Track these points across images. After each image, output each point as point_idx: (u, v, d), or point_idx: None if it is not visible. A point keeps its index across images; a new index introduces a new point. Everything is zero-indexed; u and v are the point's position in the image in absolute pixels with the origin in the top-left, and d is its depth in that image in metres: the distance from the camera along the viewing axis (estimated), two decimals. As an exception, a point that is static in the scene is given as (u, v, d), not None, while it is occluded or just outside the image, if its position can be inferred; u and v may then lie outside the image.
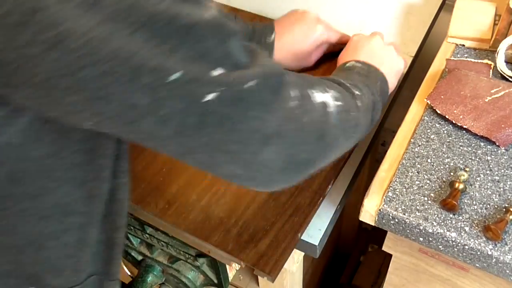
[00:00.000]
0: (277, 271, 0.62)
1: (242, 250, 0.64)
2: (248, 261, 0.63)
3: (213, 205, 0.69)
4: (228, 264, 0.70)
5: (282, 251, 0.63)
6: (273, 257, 0.63)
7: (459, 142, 0.67)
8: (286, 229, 0.65)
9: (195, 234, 0.66)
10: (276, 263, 0.62)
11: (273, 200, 0.68)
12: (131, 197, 0.70)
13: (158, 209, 0.68)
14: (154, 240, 0.79)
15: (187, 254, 0.77)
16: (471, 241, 0.58)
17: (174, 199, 0.69)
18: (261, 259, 0.63)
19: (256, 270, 0.63)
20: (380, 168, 0.66)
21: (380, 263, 1.37)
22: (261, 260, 0.63)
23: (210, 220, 0.67)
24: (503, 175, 0.63)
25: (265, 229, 0.66)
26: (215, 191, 0.70)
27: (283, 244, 0.64)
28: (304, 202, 0.68)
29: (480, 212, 0.60)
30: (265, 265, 0.62)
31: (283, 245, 0.64)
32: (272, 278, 0.62)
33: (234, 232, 0.66)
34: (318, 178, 0.70)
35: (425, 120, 0.70)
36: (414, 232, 0.61)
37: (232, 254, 0.64)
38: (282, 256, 0.63)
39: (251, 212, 0.67)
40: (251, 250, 0.64)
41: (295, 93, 0.48)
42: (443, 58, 0.77)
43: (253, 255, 0.63)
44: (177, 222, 0.67)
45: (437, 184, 0.63)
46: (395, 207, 0.61)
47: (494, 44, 0.77)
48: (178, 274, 0.81)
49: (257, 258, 0.63)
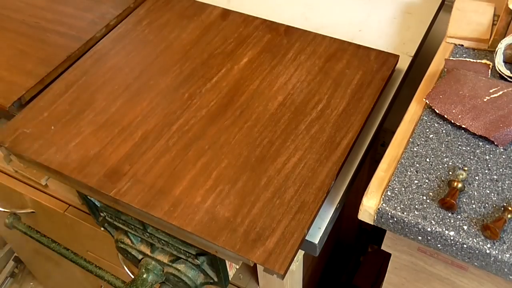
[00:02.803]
0: (286, 268, 0.63)
1: (250, 249, 0.64)
2: (257, 260, 0.63)
3: (218, 205, 0.69)
4: (236, 263, 0.70)
5: (290, 248, 0.64)
6: (281, 254, 0.63)
7: (457, 142, 0.67)
8: (292, 226, 0.66)
9: (202, 235, 0.66)
10: (285, 261, 0.63)
11: (278, 198, 0.69)
12: (135, 201, 0.70)
13: (163, 212, 0.69)
14: (155, 239, 0.80)
15: (188, 253, 0.77)
16: (470, 240, 0.58)
17: (178, 201, 0.70)
18: (269, 257, 0.63)
19: (265, 268, 0.63)
20: (379, 168, 0.66)
21: (380, 263, 1.37)
22: (270, 258, 0.63)
23: (216, 221, 0.67)
24: (501, 174, 0.63)
25: (272, 227, 0.66)
26: (219, 191, 0.70)
27: (290, 241, 0.64)
28: (309, 199, 0.68)
29: (479, 211, 0.60)
30: (274, 263, 0.63)
31: (291, 242, 0.64)
32: (282, 275, 0.62)
33: (241, 231, 0.66)
34: (320, 175, 0.70)
35: (424, 119, 0.70)
36: (413, 231, 0.61)
37: (240, 254, 0.64)
38: (290, 253, 0.63)
39: (257, 211, 0.68)
40: (259, 249, 0.64)
41: None
42: (442, 58, 0.78)
43: (261, 253, 0.64)
44: (183, 224, 0.67)
45: (436, 183, 0.63)
46: (394, 206, 0.61)
47: (492, 44, 0.77)
48: (178, 273, 0.81)
49: (265, 256, 0.63)
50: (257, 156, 0.74)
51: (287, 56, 0.88)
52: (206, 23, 0.97)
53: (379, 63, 0.85)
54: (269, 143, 0.75)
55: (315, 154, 0.73)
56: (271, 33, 0.93)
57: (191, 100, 0.83)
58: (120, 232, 0.86)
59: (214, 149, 0.75)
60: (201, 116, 0.80)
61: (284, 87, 0.83)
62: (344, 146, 0.74)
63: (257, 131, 0.77)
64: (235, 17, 0.97)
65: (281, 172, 0.71)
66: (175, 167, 0.74)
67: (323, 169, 0.71)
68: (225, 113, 0.80)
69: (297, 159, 0.73)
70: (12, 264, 1.83)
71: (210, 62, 0.89)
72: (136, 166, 0.74)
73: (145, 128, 0.79)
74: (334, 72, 0.85)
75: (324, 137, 0.75)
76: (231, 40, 0.92)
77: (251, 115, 0.79)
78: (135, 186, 0.72)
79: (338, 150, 0.73)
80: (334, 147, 0.74)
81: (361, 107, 0.79)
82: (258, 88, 0.83)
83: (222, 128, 0.78)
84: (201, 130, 0.78)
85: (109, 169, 0.74)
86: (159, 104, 0.82)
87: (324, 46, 0.89)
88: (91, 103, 0.84)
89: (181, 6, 1.01)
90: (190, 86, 0.85)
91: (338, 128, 0.76)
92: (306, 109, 0.79)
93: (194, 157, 0.74)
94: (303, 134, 0.76)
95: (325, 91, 0.82)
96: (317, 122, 0.77)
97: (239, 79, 0.85)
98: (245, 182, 0.71)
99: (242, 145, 0.75)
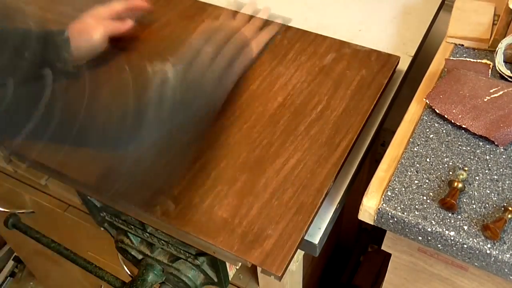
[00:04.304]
0: (284, 270, 0.62)
1: (247, 250, 0.64)
2: (255, 261, 0.63)
3: (216, 206, 0.69)
4: (233, 264, 0.70)
5: (287, 250, 0.64)
6: (279, 256, 0.63)
7: (458, 142, 0.67)
8: (290, 228, 0.66)
9: (200, 236, 0.66)
10: (282, 262, 0.62)
11: (276, 200, 0.69)
12: (134, 201, 0.70)
13: (161, 212, 0.69)
14: (155, 239, 0.80)
15: (187, 253, 0.77)
16: (470, 240, 0.58)
17: (176, 201, 0.70)
18: (267, 258, 0.63)
19: (262, 269, 0.63)
20: (379, 168, 0.66)
21: (380, 263, 1.37)
22: (267, 259, 0.63)
23: (214, 221, 0.67)
24: (501, 174, 0.63)
25: (270, 229, 0.66)
26: (218, 192, 0.70)
27: (288, 243, 0.64)
28: (307, 200, 0.68)
29: (479, 211, 0.60)
30: (272, 264, 0.62)
31: (289, 244, 0.64)
32: (279, 277, 0.62)
33: (239, 232, 0.66)
34: (319, 176, 0.70)
35: (424, 119, 0.70)
36: (413, 231, 0.61)
37: (238, 255, 0.64)
38: (287, 255, 0.63)
39: (255, 212, 0.68)
40: (256, 250, 0.64)
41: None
42: (442, 58, 0.78)
43: (259, 254, 0.63)
44: (181, 224, 0.67)
45: (436, 184, 0.63)
46: (394, 206, 0.61)
47: (493, 44, 0.77)
48: (178, 273, 0.81)
49: (263, 257, 0.63)
50: (256, 156, 0.74)
51: (288, 56, 0.88)
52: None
53: (379, 64, 0.85)
54: (268, 144, 0.75)
55: (314, 155, 0.73)
56: (271, 33, 0.93)
57: None
58: (120, 232, 0.86)
59: (212, 149, 0.75)
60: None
61: (284, 88, 0.83)
62: (343, 148, 0.73)
63: (256, 132, 0.77)
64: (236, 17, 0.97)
65: (280, 173, 0.71)
66: (173, 167, 0.73)
67: (322, 170, 0.71)
68: (224, 113, 0.80)
69: (296, 160, 0.72)
70: (12, 264, 1.83)
71: None
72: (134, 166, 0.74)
73: None
74: (334, 73, 0.84)
75: (323, 138, 0.75)
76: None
77: (251, 115, 0.79)
78: (133, 186, 0.72)
79: (337, 151, 0.73)
80: (333, 149, 0.73)
81: (361, 109, 0.78)
82: (258, 89, 0.83)
83: (221, 128, 0.78)
84: (199, 130, 0.78)
85: (107, 169, 0.74)
86: None
87: (325, 46, 0.89)
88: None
89: (182, 6, 1.01)
90: None
91: (338, 129, 0.76)
92: (305, 110, 0.79)
93: (192, 157, 0.74)
94: (303, 135, 0.76)
95: (325, 92, 0.81)
96: (317, 123, 0.77)
97: (238, 80, 0.85)
98: (243, 182, 0.71)
99: (241, 145, 0.75)
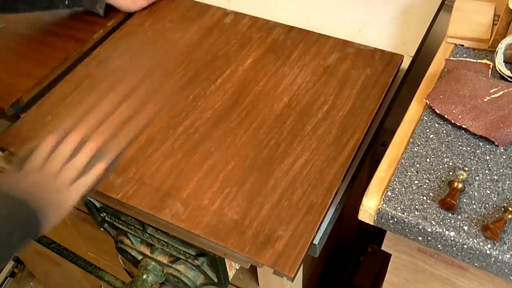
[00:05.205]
0: (296, 270, 0.62)
1: (259, 252, 0.64)
2: (266, 262, 0.63)
3: (226, 207, 0.68)
4: (245, 266, 0.70)
5: (299, 250, 0.63)
6: (291, 256, 0.63)
7: (458, 142, 0.67)
8: (301, 228, 0.65)
9: (211, 238, 0.66)
10: (295, 263, 0.62)
11: (286, 200, 0.68)
12: (142, 204, 0.70)
13: (171, 215, 0.68)
14: (154, 240, 0.80)
15: (187, 253, 0.77)
16: (470, 241, 0.58)
17: (186, 204, 0.69)
18: (279, 259, 0.63)
19: (275, 271, 0.63)
20: (379, 168, 0.66)
21: (380, 263, 1.37)
22: (279, 260, 0.63)
23: (224, 223, 0.67)
24: (501, 175, 0.63)
25: (281, 229, 0.65)
26: (227, 194, 0.70)
27: (300, 243, 0.64)
28: (317, 200, 0.68)
29: (479, 212, 0.60)
30: (284, 265, 0.62)
31: (300, 244, 0.64)
32: (292, 278, 0.62)
33: (250, 233, 0.65)
34: (328, 176, 0.70)
35: (424, 119, 0.70)
36: (413, 232, 0.61)
37: (250, 256, 0.64)
38: (299, 255, 0.63)
39: (265, 213, 0.67)
40: (268, 251, 0.64)
41: None
42: (442, 58, 0.78)
43: (271, 256, 0.63)
44: (192, 227, 0.67)
45: (436, 184, 0.63)
46: (394, 207, 0.61)
47: (493, 44, 0.77)
48: (178, 273, 0.81)
49: (275, 259, 0.63)
50: (264, 157, 0.74)
51: (292, 57, 0.88)
52: (209, 24, 0.96)
53: (383, 63, 0.85)
54: (275, 145, 0.75)
55: (322, 155, 0.73)
56: (274, 34, 0.93)
57: (196, 102, 0.83)
58: (119, 232, 0.86)
59: (220, 151, 0.75)
60: (207, 118, 0.80)
61: (289, 88, 0.83)
62: (351, 147, 0.74)
63: (263, 133, 0.77)
64: (238, 18, 0.97)
65: (289, 174, 0.71)
66: (182, 170, 0.73)
67: (330, 170, 0.71)
68: (231, 115, 0.80)
69: (304, 160, 0.72)
70: (12, 264, 1.83)
71: (214, 63, 0.89)
72: (142, 169, 0.74)
73: (150, 131, 0.79)
74: (339, 72, 0.84)
75: (330, 138, 0.75)
76: (235, 41, 0.92)
77: (257, 116, 0.79)
78: (142, 189, 0.72)
79: (345, 151, 0.73)
80: (341, 148, 0.74)
81: (367, 107, 0.79)
82: (263, 89, 0.83)
83: (228, 130, 0.78)
84: (206, 132, 0.78)
85: (115, 172, 0.74)
86: (163, 107, 0.82)
87: (329, 46, 0.89)
88: (95, 106, 0.83)
89: (183, 7, 1.01)
90: (195, 88, 0.85)
91: (345, 129, 0.76)
92: (312, 110, 0.79)
93: (200, 159, 0.74)
94: (310, 135, 0.76)
95: (330, 92, 0.81)
96: (323, 123, 0.77)
97: (243, 81, 0.85)
98: (252, 184, 0.71)
99: (248, 146, 0.75)
